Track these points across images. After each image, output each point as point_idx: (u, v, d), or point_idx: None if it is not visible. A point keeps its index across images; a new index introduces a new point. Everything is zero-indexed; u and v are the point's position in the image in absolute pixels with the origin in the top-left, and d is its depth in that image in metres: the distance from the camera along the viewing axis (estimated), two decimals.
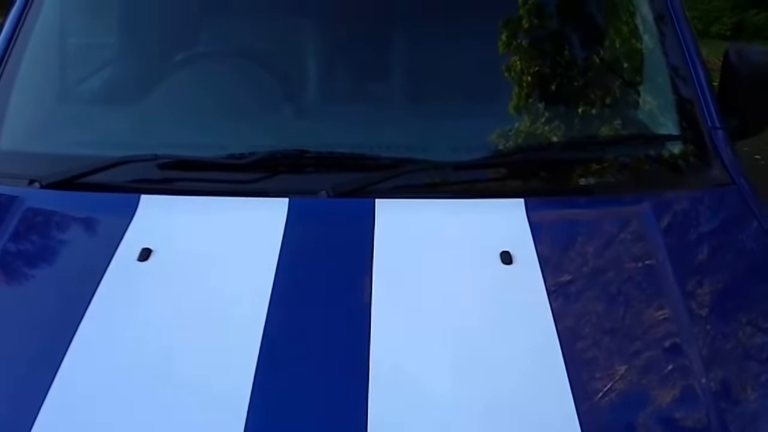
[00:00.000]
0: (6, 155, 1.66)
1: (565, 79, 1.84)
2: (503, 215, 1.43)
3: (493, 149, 1.67)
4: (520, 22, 1.93)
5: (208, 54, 2.02)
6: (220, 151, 1.62)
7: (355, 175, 1.54)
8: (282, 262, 1.31)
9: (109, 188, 1.52)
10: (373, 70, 1.98)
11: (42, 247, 1.42)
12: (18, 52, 1.77)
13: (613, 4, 1.97)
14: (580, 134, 1.72)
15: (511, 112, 1.78)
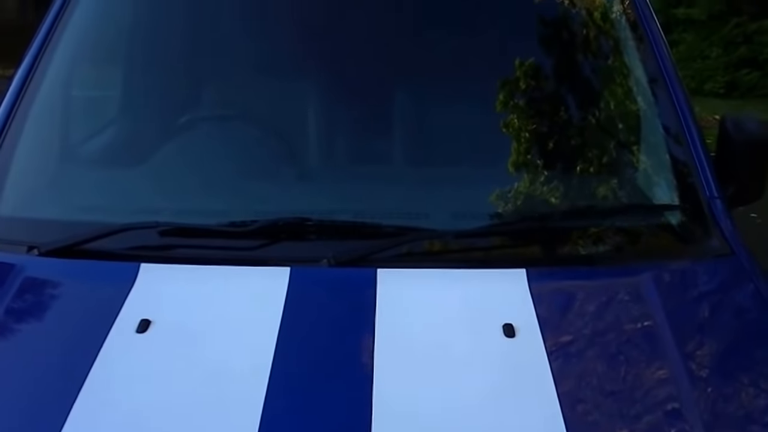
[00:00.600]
0: (6, 221, 1.67)
1: (565, 146, 1.88)
2: (505, 286, 1.44)
3: (495, 217, 1.70)
4: (521, 89, 1.98)
5: (210, 118, 2.05)
6: (222, 217, 1.63)
7: (357, 244, 1.55)
8: (282, 335, 1.30)
9: (109, 255, 1.53)
10: (375, 134, 2.02)
11: (39, 317, 1.42)
12: (21, 116, 1.80)
13: (610, 75, 2.03)
14: (579, 203, 1.74)
15: (512, 178, 1.81)
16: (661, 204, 1.73)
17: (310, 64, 2.08)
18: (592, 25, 2.10)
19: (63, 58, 1.93)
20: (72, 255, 1.52)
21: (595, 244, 1.63)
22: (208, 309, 1.39)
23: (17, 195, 1.72)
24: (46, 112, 1.87)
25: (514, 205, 1.76)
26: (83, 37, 2.02)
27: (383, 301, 1.39)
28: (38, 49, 1.89)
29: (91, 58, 2.09)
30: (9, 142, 1.76)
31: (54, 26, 1.93)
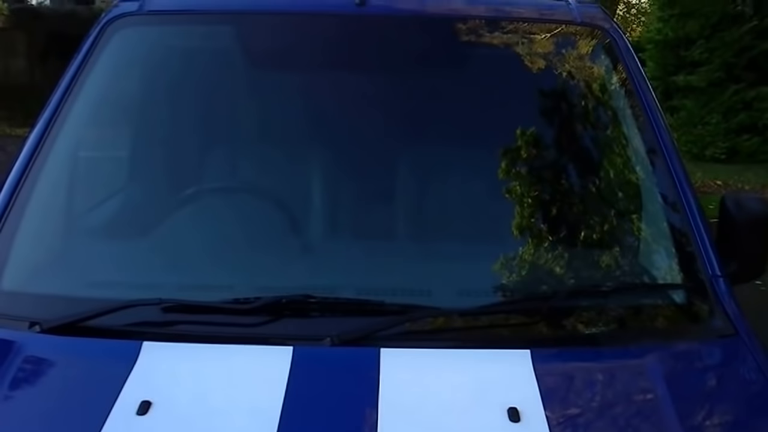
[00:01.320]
0: (7, 296, 1.68)
1: (567, 223, 1.91)
2: (510, 368, 1.44)
3: (498, 296, 1.71)
4: (523, 165, 2.02)
5: (213, 190, 2.08)
6: (225, 292, 1.64)
7: (360, 322, 1.56)
8: (284, 418, 1.30)
9: (111, 333, 1.53)
10: (378, 209, 2.04)
11: (39, 397, 1.41)
12: (27, 188, 1.82)
13: (609, 150, 2.07)
14: (583, 282, 1.75)
15: (514, 255, 1.82)
16: (664, 283, 1.75)
17: (315, 138, 2.13)
18: (589, 96, 2.16)
19: (70, 133, 1.97)
20: (73, 332, 1.52)
21: (600, 324, 1.63)
22: (209, 390, 1.39)
23: (20, 269, 1.74)
24: (51, 185, 1.89)
25: (518, 282, 1.77)
26: (93, 109, 2.07)
27: (386, 383, 1.39)
28: (46, 124, 1.93)
29: (99, 132, 2.14)
30: (14, 214, 1.78)
31: (63, 100, 1.98)
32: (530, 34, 2.17)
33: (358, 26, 2.14)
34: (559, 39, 2.17)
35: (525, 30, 2.17)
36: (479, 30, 2.17)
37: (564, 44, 2.16)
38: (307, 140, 2.14)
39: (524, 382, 1.40)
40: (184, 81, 2.22)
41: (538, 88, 2.14)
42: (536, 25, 2.19)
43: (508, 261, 1.82)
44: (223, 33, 2.25)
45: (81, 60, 2.04)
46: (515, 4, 2.33)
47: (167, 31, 2.22)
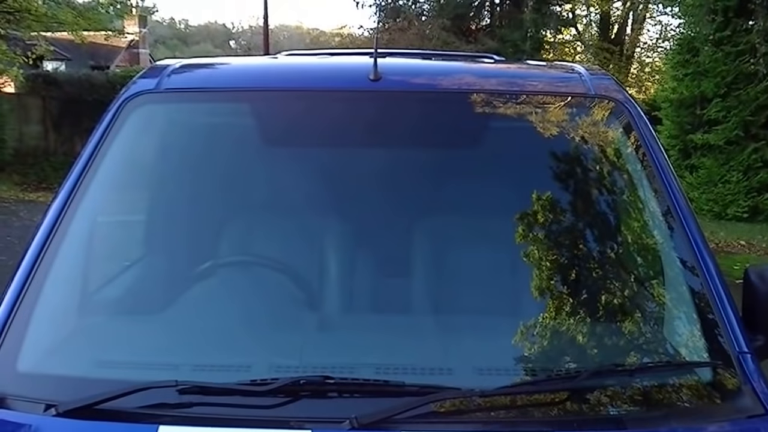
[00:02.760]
0: (23, 377, 1.69)
1: (589, 297, 1.91)
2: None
3: (520, 375, 1.71)
4: (542, 237, 2.03)
5: (226, 265, 2.11)
6: (241, 373, 1.66)
7: (380, 403, 1.55)
8: None
9: (126, 416, 1.54)
10: (395, 283, 2.07)
11: None
12: (43, 271, 1.85)
13: (628, 220, 2.09)
14: (607, 359, 1.75)
15: (536, 329, 1.83)
16: (690, 360, 1.74)
17: (331, 213, 2.17)
18: (605, 167, 2.19)
19: (89, 208, 2.01)
20: (89, 415, 1.53)
21: (626, 404, 1.62)
22: None
23: (36, 348, 1.75)
24: (66, 263, 1.92)
25: (540, 360, 1.77)
26: (111, 184, 2.12)
27: None
28: (64, 200, 1.97)
29: (117, 206, 2.19)
30: (32, 292, 1.81)
31: (82, 175, 2.02)
32: (544, 107, 2.22)
33: (372, 102, 2.21)
34: (573, 111, 2.22)
35: (539, 102, 2.22)
36: (494, 104, 2.22)
37: (578, 116, 2.21)
38: (323, 216, 2.18)
39: None
40: (201, 157, 2.28)
41: (554, 159, 2.18)
42: (550, 98, 2.25)
43: (529, 336, 1.82)
44: (239, 110, 2.32)
45: (101, 135, 2.11)
46: (528, 77, 2.39)
47: (184, 108, 2.29)
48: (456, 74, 2.42)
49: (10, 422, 1.58)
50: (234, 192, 2.29)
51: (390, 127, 2.21)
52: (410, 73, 2.37)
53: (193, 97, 2.28)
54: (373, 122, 2.20)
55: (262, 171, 2.29)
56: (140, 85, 2.27)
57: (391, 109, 2.22)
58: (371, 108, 2.21)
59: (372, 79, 2.18)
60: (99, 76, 19.41)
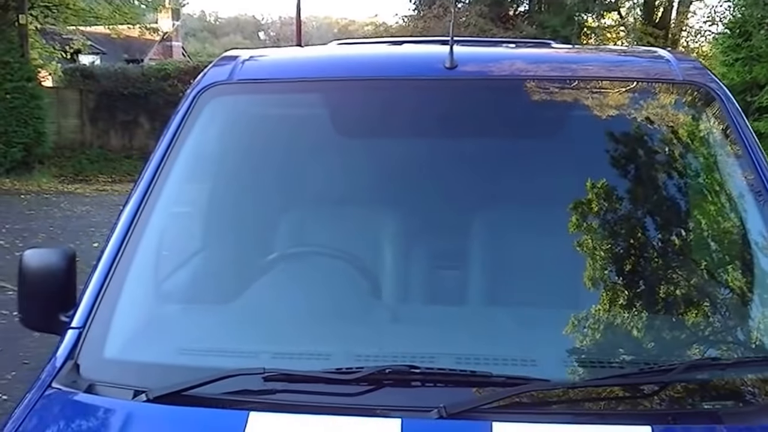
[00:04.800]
0: (110, 364, 1.74)
1: (678, 287, 1.89)
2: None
3: (609, 368, 1.69)
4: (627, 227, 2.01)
5: (305, 254, 2.15)
6: (325, 362, 1.68)
7: (467, 393, 1.57)
8: None
9: (215, 402, 1.57)
10: (472, 275, 2.06)
11: None
12: (126, 258, 1.90)
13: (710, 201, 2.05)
14: (699, 352, 1.73)
15: (621, 321, 1.82)
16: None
17: (403, 203, 2.18)
18: (699, 157, 2.14)
19: (167, 200, 2.05)
20: (178, 401, 1.57)
21: (720, 398, 1.60)
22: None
23: (121, 336, 1.80)
24: (148, 253, 1.97)
25: (629, 352, 1.76)
26: (188, 175, 2.16)
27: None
28: (143, 192, 2.01)
29: (194, 197, 2.23)
30: (115, 282, 1.86)
31: (160, 167, 2.06)
32: (630, 93, 2.18)
33: (447, 90, 2.19)
34: (662, 97, 2.17)
35: (625, 89, 2.19)
36: (576, 91, 2.19)
37: (666, 102, 2.17)
38: (396, 207, 2.19)
39: None
40: (274, 148, 2.31)
41: (643, 148, 2.14)
42: (636, 85, 2.21)
43: (614, 327, 1.81)
44: (311, 100, 2.34)
45: (177, 126, 2.14)
46: (612, 63, 2.35)
47: (257, 99, 2.32)
48: (533, 61, 2.39)
49: (100, 407, 1.63)
50: (306, 183, 2.32)
51: (464, 117, 2.20)
52: (486, 60, 2.36)
53: (267, 88, 2.30)
54: (447, 111, 2.19)
55: (335, 162, 2.31)
56: (213, 75, 2.30)
57: (468, 97, 2.20)
58: (445, 97, 2.19)
59: (448, 66, 2.16)
60: (134, 70, 19.71)
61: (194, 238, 2.20)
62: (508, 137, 2.24)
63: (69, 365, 1.72)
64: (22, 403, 1.66)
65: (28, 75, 14.29)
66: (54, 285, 1.89)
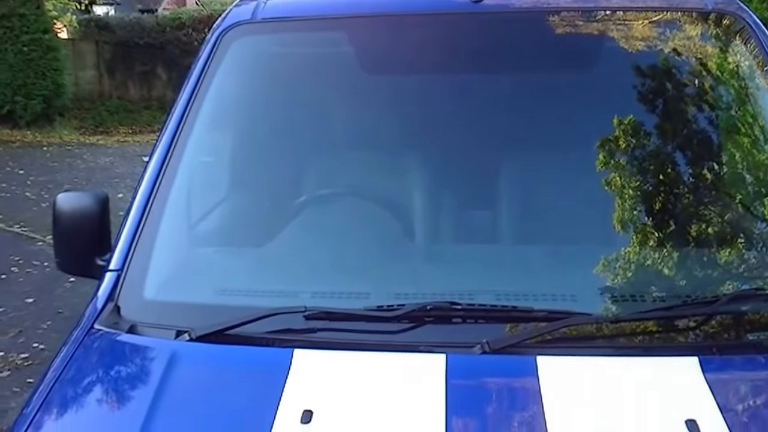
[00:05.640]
0: (150, 305, 1.75)
1: (720, 221, 1.86)
2: (679, 377, 1.41)
3: (650, 301, 1.67)
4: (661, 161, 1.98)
5: (332, 197, 2.13)
6: (364, 300, 1.67)
7: (510, 329, 1.56)
8: (449, 427, 1.31)
9: (258, 341, 1.58)
10: (507, 212, 2.04)
11: (200, 403, 1.46)
12: (159, 202, 1.89)
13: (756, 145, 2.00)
14: (743, 284, 1.71)
15: (662, 256, 1.80)
16: None
17: (434, 141, 2.15)
18: (731, 87, 2.09)
19: (196, 142, 2.04)
20: (221, 340, 1.57)
21: (764, 328, 1.59)
22: (367, 397, 1.41)
23: (159, 278, 1.81)
24: (180, 196, 1.97)
25: (670, 286, 1.74)
26: (215, 118, 2.14)
27: (548, 392, 1.38)
28: (172, 135, 2.00)
29: (221, 140, 2.21)
30: (149, 226, 1.86)
31: (187, 110, 2.04)
32: (658, 25, 2.12)
33: (473, 25, 2.14)
34: (691, 28, 2.11)
35: (653, 21, 2.12)
36: (605, 23, 2.13)
37: (696, 33, 2.11)
38: (424, 145, 2.15)
39: (698, 392, 1.37)
40: (300, 87, 2.27)
41: (671, 82, 2.09)
42: (665, 15, 2.14)
43: (653, 262, 1.79)
44: (337, 38, 2.29)
45: (201, 69, 2.11)
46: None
47: (281, 38, 2.28)
48: None
49: (145, 347, 1.64)
50: (334, 124, 2.28)
51: (490, 52, 2.15)
52: None
53: (292, 26, 2.25)
54: (473, 46, 2.14)
55: (362, 101, 2.27)
56: (235, 15, 2.25)
57: (494, 32, 2.15)
58: (471, 31, 2.15)
59: (473, 0, 2.11)
60: (148, 20, 19.49)
61: (224, 183, 2.19)
62: (535, 72, 2.19)
63: (110, 307, 1.73)
64: (66, 345, 1.68)
65: (44, 27, 14.21)
66: (88, 228, 1.90)
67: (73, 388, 1.57)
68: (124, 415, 1.49)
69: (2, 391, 3.98)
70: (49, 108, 14.47)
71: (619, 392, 1.39)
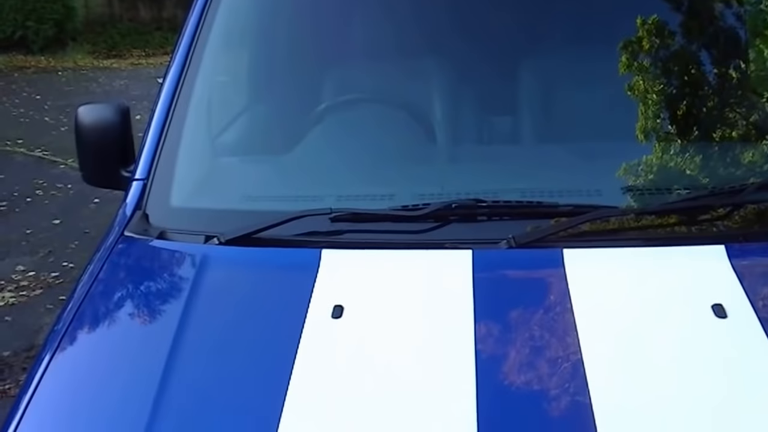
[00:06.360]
0: (178, 212, 1.76)
1: (737, 111, 1.83)
2: (706, 264, 1.42)
3: (677, 192, 1.67)
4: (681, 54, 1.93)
5: (350, 103, 2.11)
6: (389, 201, 1.68)
7: (535, 224, 1.56)
8: (478, 318, 1.33)
9: (285, 243, 1.60)
10: (526, 111, 2.02)
11: (234, 304, 1.50)
12: (180, 111, 1.89)
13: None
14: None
15: (686, 149, 1.78)
16: None
17: (450, 43, 2.10)
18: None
19: (213, 53, 2.01)
20: (252, 243, 1.59)
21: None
22: (396, 293, 1.43)
23: (186, 186, 1.82)
24: (203, 105, 1.96)
25: (694, 177, 1.73)
26: (226, 35, 2.10)
27: (576, 283, 1.39)
28: (187, 48, 1.98)
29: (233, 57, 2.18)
30: (173, 135, 1.86)
31: (198, 28, 2.01)
32: None
33: None
34: None
35: None
36: None
37: None
38: (446, 46, 2.11)
39: (724, 278, 1.38)
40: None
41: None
42: None
43: (678, 155, 1.77)
44: None
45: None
46: None
47: None
48: None
49: (175, 252, 1.67)
50: (351, 30, 2.23)
51: None
52: None
53: None
54: None
55: (378, 5, 2.21)
56: None
57: None
58: None
59: None
60: None
61: (242, 98, 2.17)
62: None
63: (138, 215, 1.76)
64: (98, 252, 1.71)
65: None
66: (111, 139, 1.91)
67: (106, 294, 1.60)
68: (158, 318, 1.53)
69: (36, 308, 4.10)
70: (61, 32, 14.29)
71: (644, 280, 1.40)
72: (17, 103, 9.40)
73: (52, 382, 1.37)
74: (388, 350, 1.31)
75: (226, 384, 1.30)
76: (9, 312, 4.07)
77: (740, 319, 1.29)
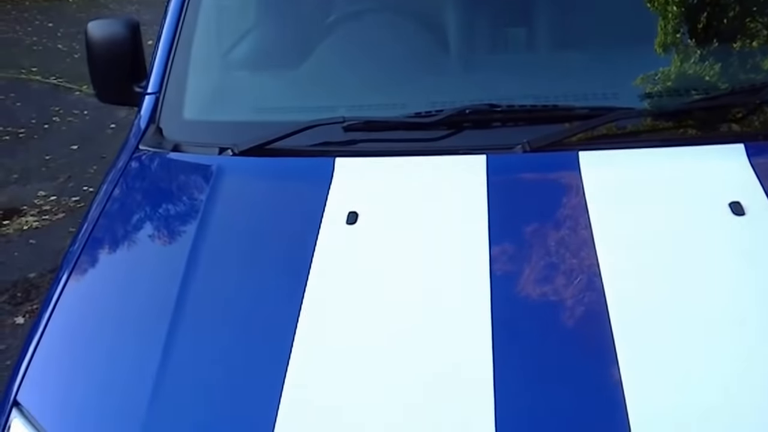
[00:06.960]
0: (191, 124, 1.76)
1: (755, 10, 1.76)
2: (724, 162, 1.39)
3: (694, 93, 1.62)
4: None
5: (368, 11, 2.05)
6: (403, 109, 1.65)
7: (551, 128, 1.53)
8: (493, 221, 1.33)
9: (299, 153, 1.59)
10: (538, 19, 1.95)
11: (250, 212, 1.50)
12: (189, 26, 1.86)
13: None
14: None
15: (703, 52, 1.73)
16: None
17: None
18: None
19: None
20: (265, 153, 1.59)
21: None
22: (411, 198, 1.43)
23: (199, 99, 1.81)
24: (212, 18, 1.92)
25: (711, 78, 1.67)
26: None
27: (591, 184, 1.38)
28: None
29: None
30: (183, 49, 1.83)
31: None
32: None
33: None
34: None
35: None
36: None
37: None
38: None
39: (742, 175, 1.36)
40: None
41: None
42: None
43: (694, 57, 1.72)
44: None
45: None
46: None
47: None
48: None
49: (191, 163, 1.67)
50: None
51: None
52: None
53: None
54: None
55: None
56: None
57: None
58: None
59: None
60: None
61: (250, 16, 2.11)
62: None
63: (152, 129, 1.75)
64: (114, 166, 1.72)
65: None
66: (122, 54, 1.88)
67: (123, 206, 1.62)
68: (174, 228, 1.54)
69: (59, 232, 4.15)
70: None
71: (661, 178, 1.39)
72: (30, 31, 9.31)
73: (71, 298, 1.39)
74: (403, 255, 1.31)
75: (243, 292, 1.32)
76: (33, 235, 4.14)
77: (758, 217, 1.27)
